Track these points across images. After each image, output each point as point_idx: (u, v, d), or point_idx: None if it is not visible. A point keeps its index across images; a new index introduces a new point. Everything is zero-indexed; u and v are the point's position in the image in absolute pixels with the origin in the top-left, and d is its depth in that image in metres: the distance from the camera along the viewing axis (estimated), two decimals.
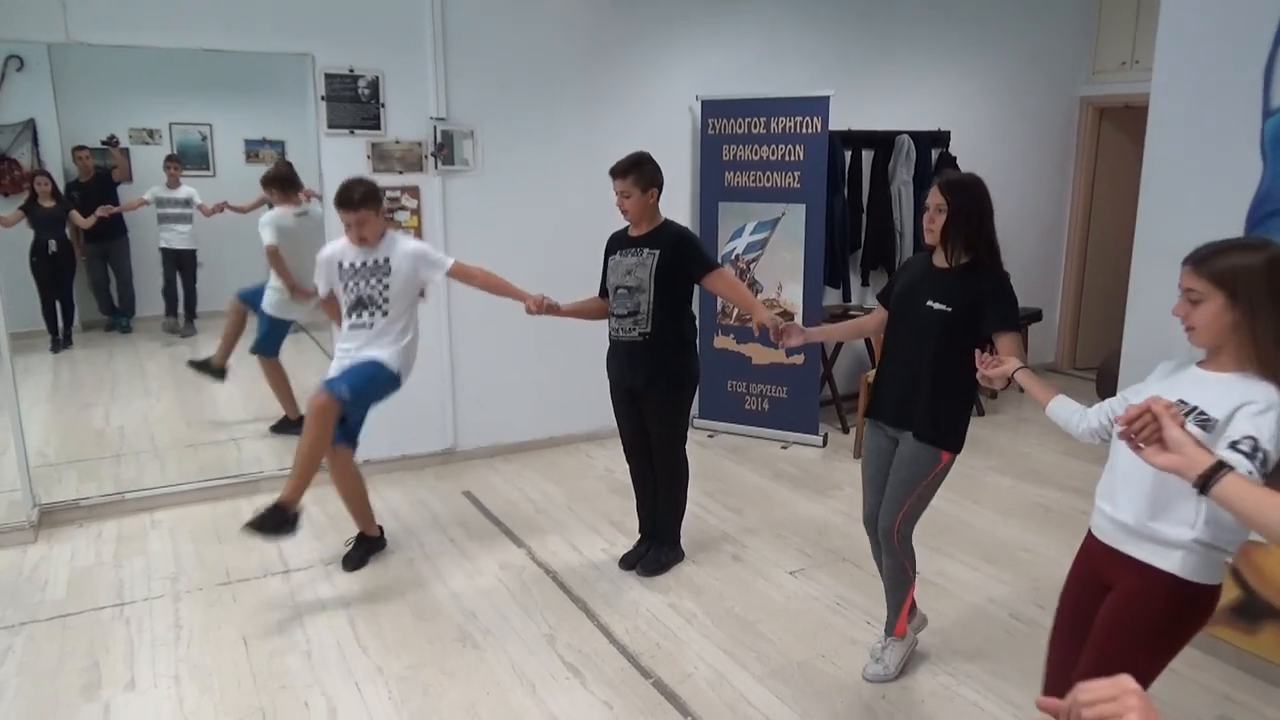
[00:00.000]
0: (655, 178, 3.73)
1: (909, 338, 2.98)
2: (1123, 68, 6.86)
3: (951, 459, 2.99)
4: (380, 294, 3.84)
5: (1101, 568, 2.19)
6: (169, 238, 7.27)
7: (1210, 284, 1.94)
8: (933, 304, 2.88)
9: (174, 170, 7.17)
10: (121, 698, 3.06)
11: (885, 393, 3.08)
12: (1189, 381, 2.06)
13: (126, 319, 7.50)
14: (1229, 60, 3.08)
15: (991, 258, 2.90)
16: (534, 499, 4.86)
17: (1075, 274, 7.44)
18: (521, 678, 3.18)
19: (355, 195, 3.71)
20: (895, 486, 3.03)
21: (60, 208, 6.76)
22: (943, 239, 2.89)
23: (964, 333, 2.85)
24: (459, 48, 4.98)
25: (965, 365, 2.83)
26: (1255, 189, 3.03)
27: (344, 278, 3.87)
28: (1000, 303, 2.85)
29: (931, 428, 2.94)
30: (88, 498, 4.58)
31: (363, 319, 3.85)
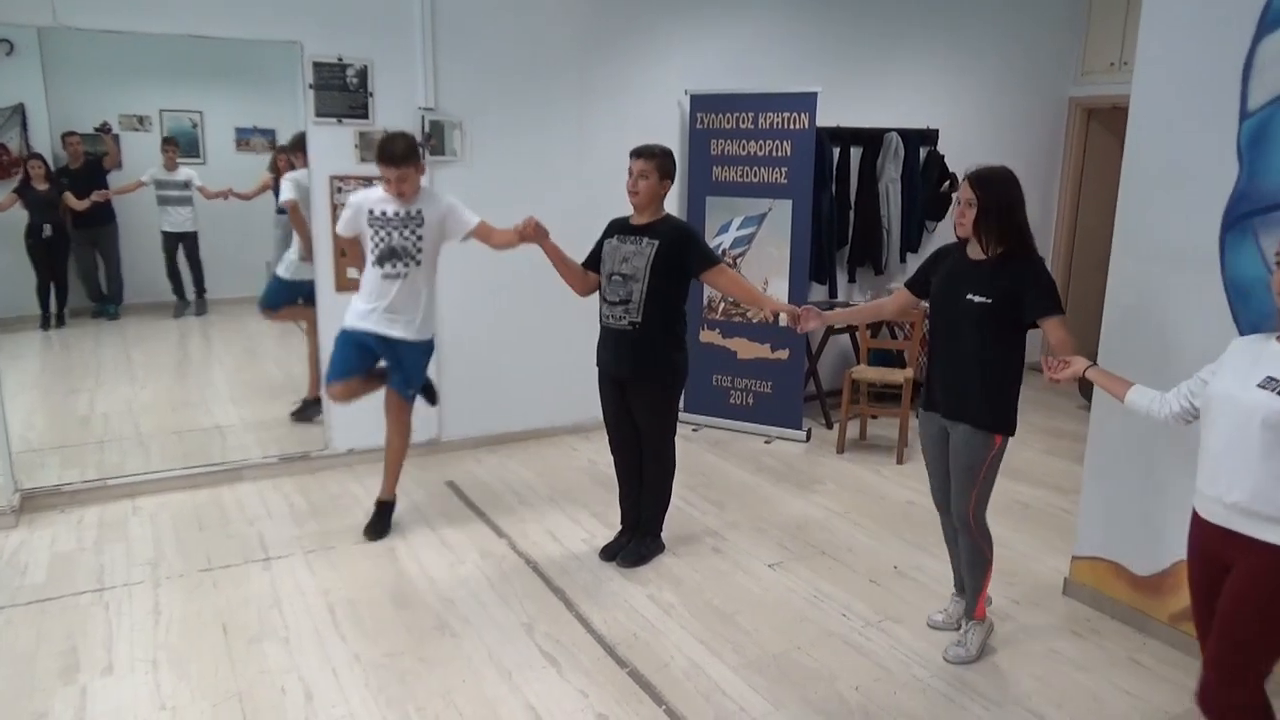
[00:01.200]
0: (672, 170, 3.81)
1: (953, 331, 3.08)
2: (1111, 69, 6.89)
3: (1005, 441, 3.11)
4: (414, 244, 3.95)
5: (1218, 549, 2.26)
6: (169, 220, 7.27)
7: None
8: (973, 297, 2.98)
9: (172, 153, 7.17)
10: (99, 682, 3.07)
11: (935, 386, 3.20)
12: (1272, 357, 2.14)
13: (114, 306, 7.48)
14: (1207, 63, 3.10)
15: (1024, 247, 3.00)
16: (516, 490, 4.87)
17: (1062, 274, 7.47)
18: (498, 666, 3.20)
19: (399, 150, 3.80)
20: (959, 475, 3.16)
21: (54, 190, 6.76)
22: (975, 232, 2.99)
23: (1006, 322, 2.98)
24: (448, 38, 4.99)
25: (1010, 352, 3.01)
26: (1231, 190, 3.05)
27: (374, 225, 3.93)
28: (1039, 289, 2.96)
29: (981, 413, 3.06)
30: (70, 483, 4.58)
31: (396, 269, 3.95)
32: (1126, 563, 3.56)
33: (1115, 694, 3.11)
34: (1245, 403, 2.15)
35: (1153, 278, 3.36)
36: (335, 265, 4.94)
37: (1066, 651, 3.37)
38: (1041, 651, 3.37)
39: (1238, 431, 1.96)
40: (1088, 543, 3.71)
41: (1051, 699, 3.07)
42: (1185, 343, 3.19)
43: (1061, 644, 3.43)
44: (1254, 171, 2.99)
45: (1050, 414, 6.39)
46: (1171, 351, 3.26)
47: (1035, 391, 6.94)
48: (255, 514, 4.48)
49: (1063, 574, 3.86)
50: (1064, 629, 3.55)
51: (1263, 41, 2.93)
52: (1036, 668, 3.25)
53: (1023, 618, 3.63)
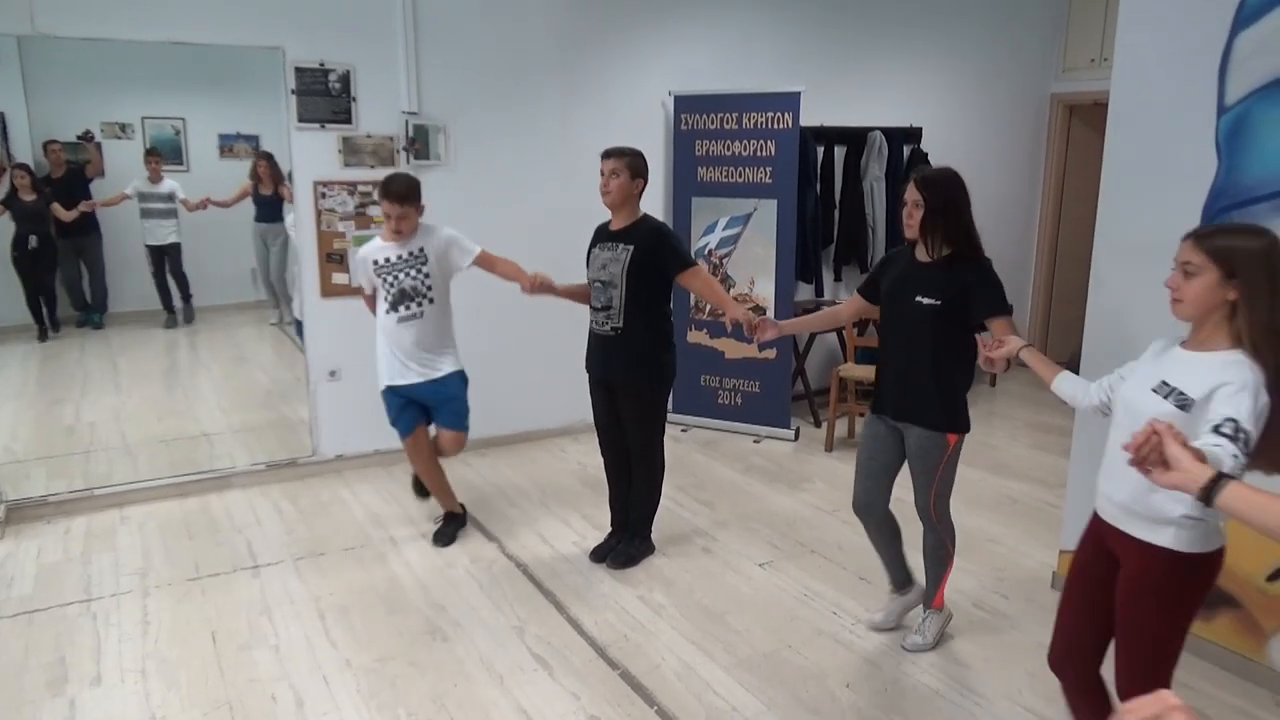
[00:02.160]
0: (644, 169, 3.80)
1: (903, 334, 3.09)
2: (1092, 65, 6.93)
3: (960, 439, 3.12)
4: (423, 283, 3.96)
5: (1108, 542, 2.28)
6: (153, 234, 7.21)
7: (1208, 259, 2.00)
8: (922, 299, 2.98)
9: (155, 165, 7.11)
10: (88, 693, 3.05)
11: (886, 388, 3.18)
12: (1172, 362, 2.14)
13: (99, 315, 7.44)
14: (1185, 58, 3.13)
15: (972, 247, 2.99)
16: (506, 493, 4.87)
17: (1045, 269, 7.52)
18: (490, 669, 3.20)
19: (401, 189, 3.83)
20: (917, 476, 3.17)
21: (41, 201, 6.71)
22: (922, 233, 2.98)
23: (955, 323, 2.97)
24: (430, 42, 4.98)
25: (960, 353, 2.98)
26: (1211, 184, 3.08)
27: (380, 273, 3.95)
28: (987, 289, 2.95)
29: (934, 414, 3.06)
30: (56, 494, 4.55)
31: (411, 310, 3.96)
32: None
33: None
34: (1136, 405, 2.13)
35: (1134, 273, 3.37)
36: (320, 271, 4.93)
37: None
38: (1031, 646, 3.38)
39: (1127, 433, 1.95)
40: (1075, 537, 3.70)
41: (1042, 693, 3.08)
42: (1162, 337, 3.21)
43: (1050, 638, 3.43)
44: (1232, 165, 3.02)
45: (1037, 409, 6.42)
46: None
47: (1022, 386, 6.98)
48: (244, 521, 4.47)
49: (1051, 568, 3.89)
50: (1052, 623, 3.55)
51: (1239, 36, 2.96)
52: (1027, 662, 3.27)
53: (1012, 612, 3.65)
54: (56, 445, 5.30)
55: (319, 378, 5.03)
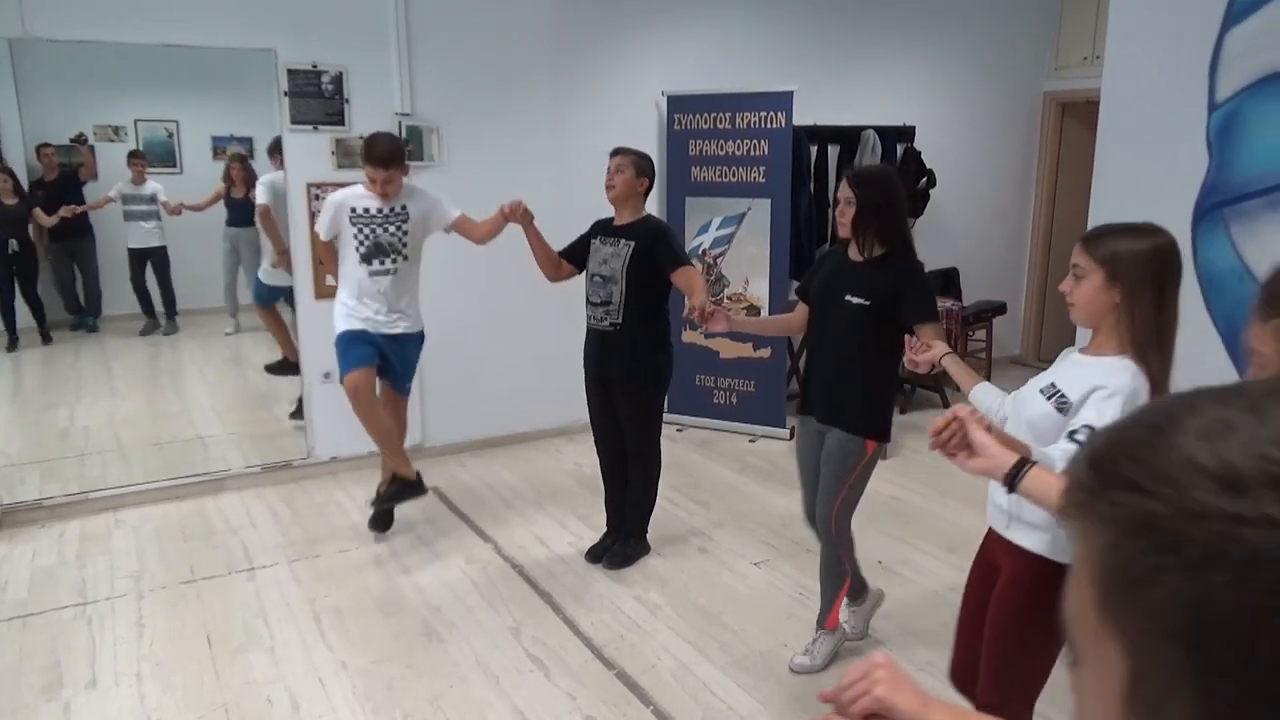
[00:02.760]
0: (650, 170, 3.83)
1: (831, 333, 3.00)
2: (1084, 63, 6.94)
3: (879, 448, 3.03)
4: (400, 239, 3.94)
5: (993, 553, 2.23)
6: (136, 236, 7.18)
7: (1093, 262, 1.95)
8: (851, 298, 2.90)
9: (139, 167, 7.08)
10: (83, 697, 3.05)
11: (812, 389, 3.11)
12: (1066, 365, 2.10)
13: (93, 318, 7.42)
14: (1177, 56, 3.14)
15: (905, 249, 2.93)
16: (502, 493, 4.87)
17: (1039, 267, 7.53)
18: (486, 671, 3.20)
19: (385, 152, 3.78)
20: (827, 479, 3.06)
21: (22, 205, 6.68)
22: (854, 231, 2.90)
23: (884, 325, 2.88)
24: (423, 43, 4.98)
25: (887, 356, 2.90)
26: (1202, 180, 3.09)
27: (356, 223, 3.89)
28: (917, 293, 2.88)
29: (855, 417, 2.98)
30: (50, 497, 4.54)
31: (384, 265, 3.93)
32: None
33: None
34: (1022, 404, 2.11)
35: None
36: (314, 273, 4.92)
37: None
38: None
39: (1015, 431, 1.93)
40: None
41: (1044, 696, 3.08)
42: None
43: None
44: (1223, 162, 3.03)
45: None
46: None
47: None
48: (239, 524, 4.46)
49: None
50: None
51: (1229, 33, 2.97)
52: None
53: None
54: (50, 448, 5.29)
55: (313, 380, 5.02)
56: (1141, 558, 0.46)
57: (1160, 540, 0.45)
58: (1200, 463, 0.45)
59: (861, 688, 1.00)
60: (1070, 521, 0.52)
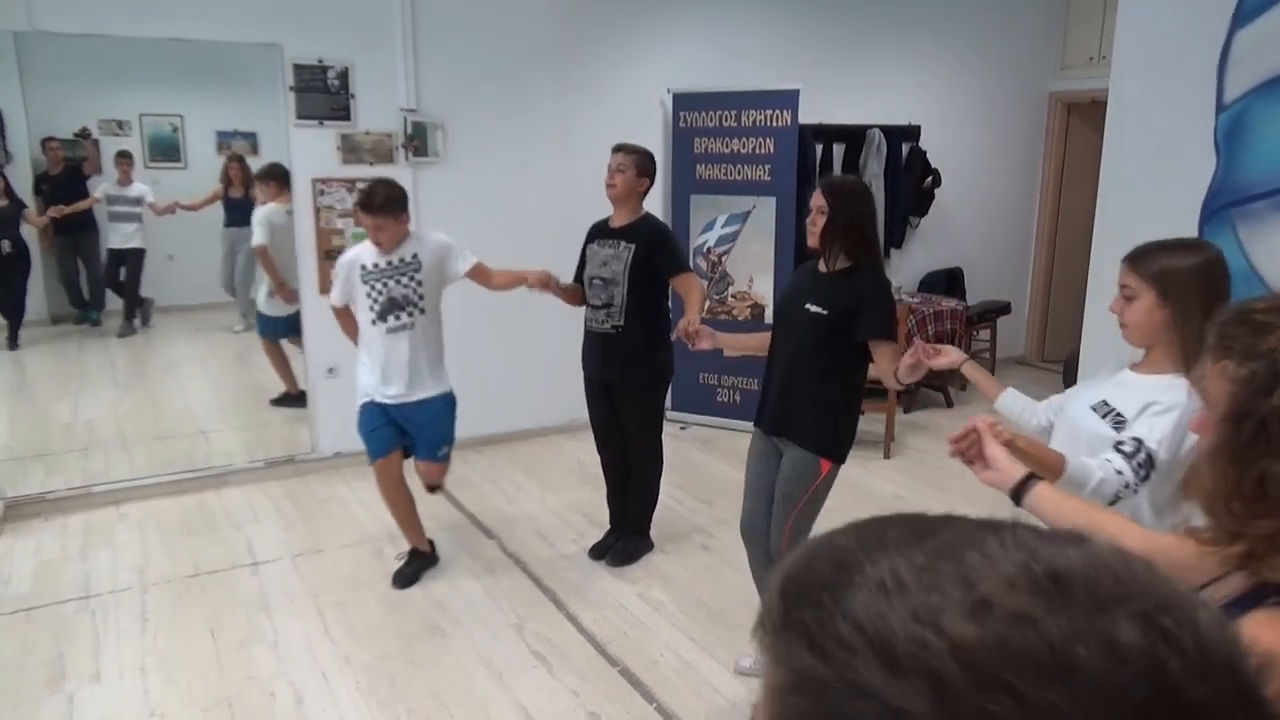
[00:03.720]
0: (651, 169, 3.78)
1: (788, 342, 2.94)
2: (1090, 63, 6.93)
3: (833, 469, 2.92)
4: (415, 292, 3.65)
5: None
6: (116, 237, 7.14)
7: (1143, 282, 1.93)
8: (810, 307, 2.83)
9: (125, 167, 7.05)
10: (86, 689, 3.05)
11: (765, 398, 3.04)
12: (1116, 384, 2.06)
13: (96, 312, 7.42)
14: (1184, 56, 3.14)
15: (872, 263, 2.87)
16: (505, 491, 4.87)
17: (1044, 267, 7.52)
18: (489, 667, 3.20)
19: (376, 200, 3.51)
20: (779, 502, 2.96)
21: (14, 207, 6.65)
22: (822, 242, 2.84)
23: (841, 337, 2.82)
24: (429, 39, 4.98)
25: (845, 372, 2.83)
26: (1210, 183, 3.08)
27: (368, 280, 3.62)
28: (876, 309, 2.82)
29: (809, 433, 2.89)
30: (54, 491, 4.55)
31: (401, 320, 3.65)
32: None
33: None
34: (1074, 421, 2.10)
35: None
36: (319, 268, 4.92)
37: None
38: None
39: (1067, 449, 1.92)
40: None
41: None
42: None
43: None
44: (1231, 163, 3.02)
45: None
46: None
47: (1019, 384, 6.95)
48: (242, 518, 4.46)
49: None
50: None
51: (1238, 34, 2.96)
52: None
53: None
54: (54, 442, 5.30)
55: (317, 375, 5.03)
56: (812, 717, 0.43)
57: (825, 709, 0.42)
58: (867, 629, 0.42)
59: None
60: (761, 647, 0.48)
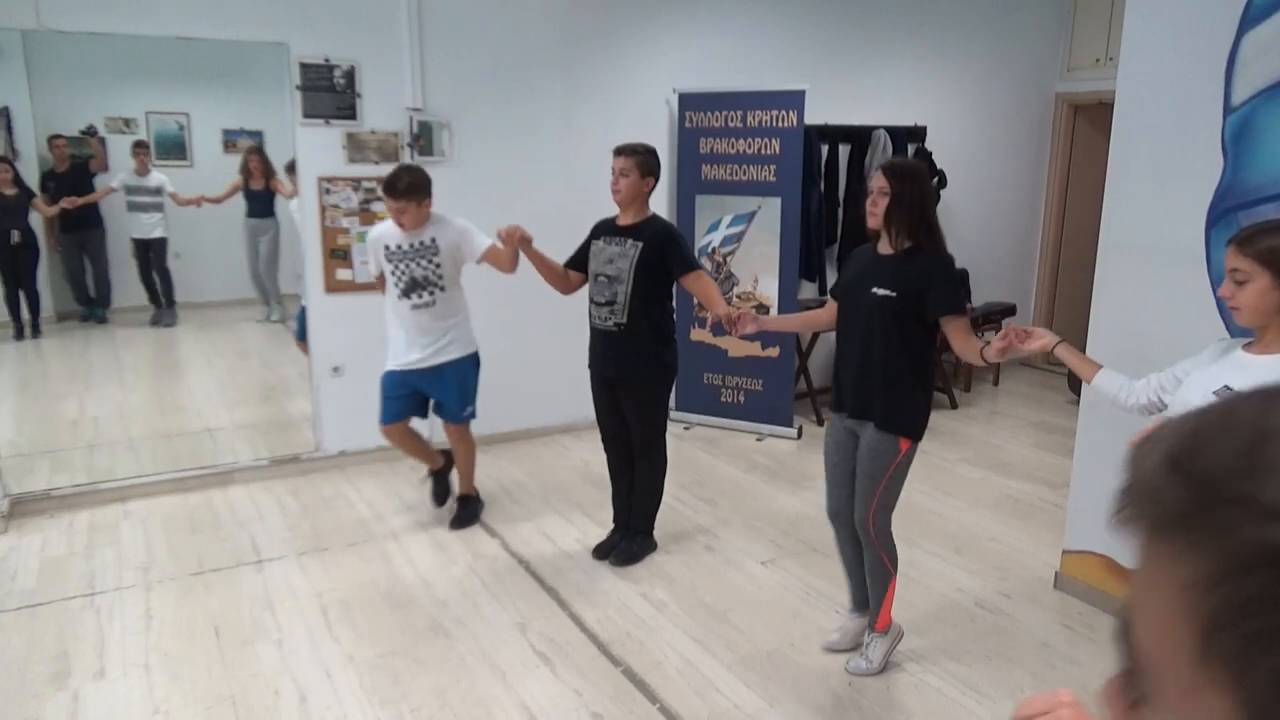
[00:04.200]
0: (655, 168, 3.79)
1: (858, 327, 2.99)
2: (1097, 65, 6.92)
3: (912, 447, 2.99)
4: (434, 273, 3.98)
5: None
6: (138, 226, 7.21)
7: (1255, 263, 1.95)
8: (877, 290, 2.89)
9: (143, 157, 7.09)
10: (91, 686, 3.06)
11: (843, 385, 3.09)
12: (1233, 366, 2.08)
13: (102, 309, 7.45)
14: (1192, 59, 3.13)
15: (933, 242, 2.92)
16: (509, 489, 4.87)
17: (1049, 269, 7.51)
18: (492, 666, 3.20)
19: (400, 185, 3.83)
20: (861, 481, 3.04)
21: (22, 196, 6.69)
22: (886, 223, 2.91)
23: (911, 318, 2.89)
24: (435, 38, 4.98)
25: (917, 351, 2.90)
26: (1217, 184, 3.07)
27: (391, 260, 3.98)
28: (945, 286, 2.89)
29: (888, 415, 2.95)
30: (59, 488, 4.56)
31: (423, 299, 4.00)
32: (1117, 556, 3.58)
33: None
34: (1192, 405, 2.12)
35: (1139, 273, 3.38)
36: (325, 267, 4.93)
37: (1059, 645, 3.39)
38: (1034, 645, 3.39)
39: None
40: (1078, 537, 3.74)
41: (1044, 692, 3.08)
42: (1172, 338, 3.21)
43: (1053, 637, 3.45)
44: (1238, 166, 3.01)
45: (1039, 408, 6.42)
46: (1158, 347, 3.27)
47: (1025, 386, 6.97)
48: (247, 516, 4.47)
49: (1054, 568, 3.88)
50: (1056, 623, 3.57)
51: (1246, 36, 2.95)
52: (1030, 662, 3.27)
53: (1015, 612, 3.65)
54: (60, 439, 5.32)
55: (323, 373, 5.03)
56: (1269, 603, 0.37)
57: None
58: None
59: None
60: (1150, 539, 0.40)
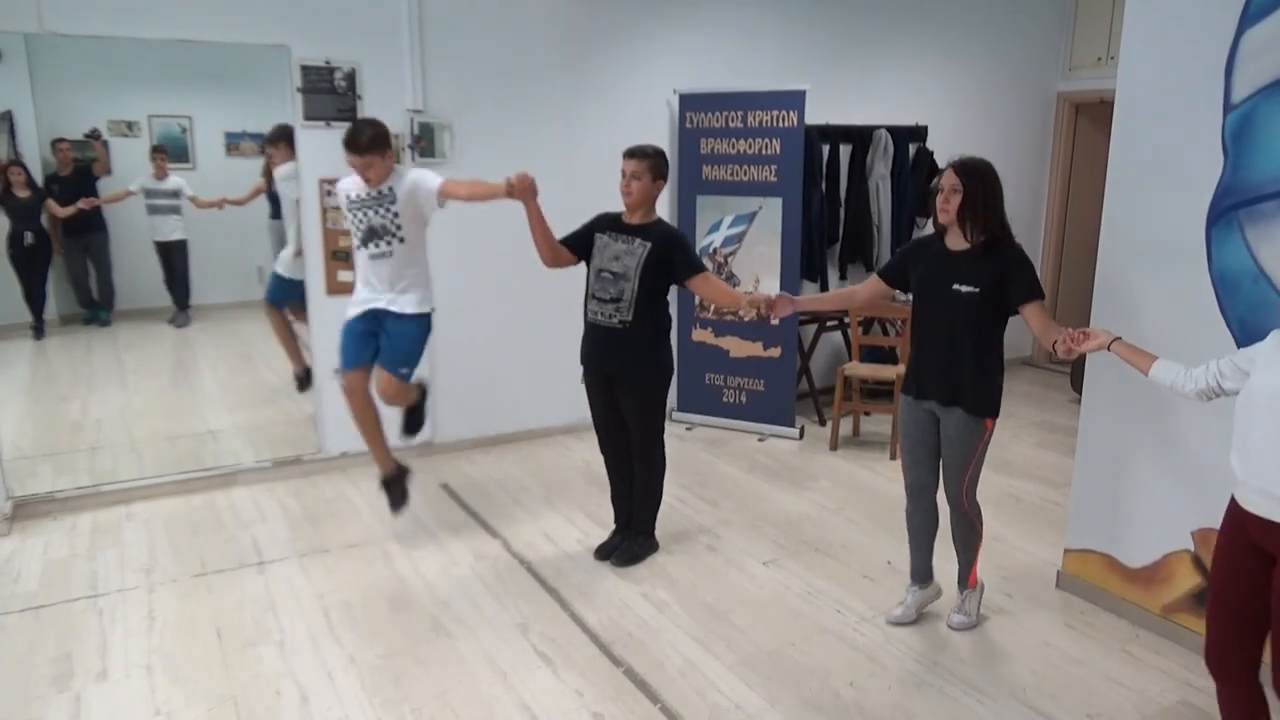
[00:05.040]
0: (665, 170, 3.82)
1: (942, 322, 3.16)
2: (1099, 63, 6.91)
3: (994, 423, 3.24)
4: (392, 222, 3.94)
5: (1262, 540, 2.24)
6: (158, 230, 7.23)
7: None
8: (959, 287, 3.08)
9: (160, 161, 7.12)
10: (93, 688, 3.06)
11: (926, 375, 3.26)
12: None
13: (106, 312, 7.46)
14: (1192, 56, 3.12)
15: (1005, 235, 3.10)
16: (510, 490, 4.87)
17: (1051, 268, 7.50)
18: (493, 666, 3.20)
19: (363, 139, 3.82)
20: (953, 460, 3.26)
21: (35, 198, 6.72)
22: (959, 220, 3.07)
23: (992, 309, 3.09)
24: (436, 40, 4.99)
25: (997, 338, 3.15)
26: (1217, 182, 3.07)
27: (351, 209, 3.98)
28: (1023, 274, 3.07)
29: (975, 400, 3.16)
30: (62, 490, 4.57)
31: (380, 248, 3.96)
32: (1118, 555, 3.58)
33: (1108, 685, 3.12)
34: (1267, 387, 2.15)
35: (1140, 271, 3.37)
36: (326, 268, 4.93)
37: (1060, 644, 3.39)
38: (1035, 644, 3.38)
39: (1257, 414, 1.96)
40: (1079, 535, 3.73)
41: (1046, 691, 3.08)
42: (1173, 336, 3.20)
43: (1055, 636, 3.44)
44: (1239, 164, 3.00)
45: (1041, 408, 6.41)
46: (1160, 345, 3.26)
47: (1028, 386, 6.97)
48: (249, 518, 4.48)
49: (1055, 567, 3.88)
50: (1057, 621, 3.56)
51: (1246, 34, 2.95)
52: (1030, 660, 3.27)
53: (1016, 611, 3.64)
54: (63, 442, 5.32)
55: (324, 375, 5.04)
56: None
57: None
58: None
59: None
60: None
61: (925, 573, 3.55)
